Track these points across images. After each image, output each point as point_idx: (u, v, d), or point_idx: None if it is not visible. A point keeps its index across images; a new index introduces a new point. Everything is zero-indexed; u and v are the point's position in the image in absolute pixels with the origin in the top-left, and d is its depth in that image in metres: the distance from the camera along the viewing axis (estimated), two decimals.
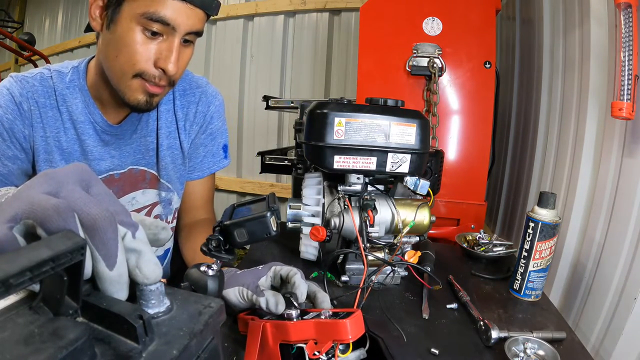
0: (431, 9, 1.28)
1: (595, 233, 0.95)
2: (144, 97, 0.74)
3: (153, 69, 0.71)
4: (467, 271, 0.94)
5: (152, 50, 0.70)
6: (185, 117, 0.91)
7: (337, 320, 0.50)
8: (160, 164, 0.89)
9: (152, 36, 0.69)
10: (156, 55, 0.70)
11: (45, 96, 0.78)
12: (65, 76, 0.80)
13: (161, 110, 0.88)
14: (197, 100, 0.92)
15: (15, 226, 0.26)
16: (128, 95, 0.74)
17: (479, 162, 1.30)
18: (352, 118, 0.78)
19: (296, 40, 2.68)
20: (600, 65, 0.99)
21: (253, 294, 0.59)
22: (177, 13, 0.68)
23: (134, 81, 0.72)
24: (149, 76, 0.72)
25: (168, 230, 0.35)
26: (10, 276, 0.20)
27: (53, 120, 0.79)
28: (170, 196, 0.93)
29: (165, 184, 0.91)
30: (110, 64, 0.73)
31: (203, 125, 0.94)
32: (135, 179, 0.88)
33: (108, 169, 0.85)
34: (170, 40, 0.70)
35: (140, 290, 0.29)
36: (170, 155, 0.90)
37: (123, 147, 0.86)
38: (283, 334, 0.53)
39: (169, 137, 0.89)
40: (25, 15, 4.29)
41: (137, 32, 0.68)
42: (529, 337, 0.63)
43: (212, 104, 0.94)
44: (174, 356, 0.25)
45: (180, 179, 0.94)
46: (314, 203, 0.83)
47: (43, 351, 0.22)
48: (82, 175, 0.31)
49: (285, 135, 2.77)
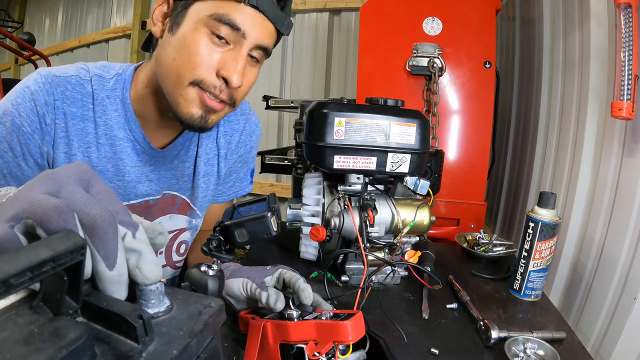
0: (431, 9, 1.28)
1: (595, 233, 0.95)
2: (200, 112, 0.65)
3: (214, 78, 0.63)
4: (467, 271, 0.94)
5: (216, 57, 0.62)
6: (228, 145, 0.86)
7: (338, 322, 0.50)
8: (195, 191, 0.84)
9: (219, 42, 0.62)
10: (220, 64, 0.62)
11: (79, 105, 0.67)
12: (108, 82, 0.69)
13: (203, 136, 0.81)
14: (241, 129, 0.87)
15: (16, 226, 0.26)
16: (182, 107, 0.64)
17: (479, 162, 1.30)
18: (352, 118, 0.78)
19: (296, 40, 2.68)
20: (600, 65, 0.99)
21: (257, 288, 0.60)
22: (249, 20, 0.62)
23: (190, 90, 0.63)
24: (208, 85, 0.63)
25: (165, 235, 0.34)
26: (10, 276, 0.20)
27: (84, 134, 0.68)
28: (198, 222, 0.89)
29: (196, 211, 0.86)
30: (166, 68, 0.64)
31: (243, 155, 0.90)
32: (166, 204, 0.82)
33: (145, 194, 0.76)
34: (237, 50, 0.63)
35: (140, 290, 0.29)
36: (205, 182, 0.84)
37: (161, 172, 0.78)
38: (283, 333, 0.53)
39: (207, 164, 0.83)
40: (25, 15, 4.30)
41: (203, 35, 0.61)
42: (529, 337, 0.63)
43: (254, 134, 0.90)
44: (173, 356, 0.25)
45: (207, 204, 0.90)
46: (314, 203, 0.83)
47: (43, 351, 0.22)
48: (83, 175, 0.31)
49: (285, 135, 2.77)
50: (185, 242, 0.89)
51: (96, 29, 3.57)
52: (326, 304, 0.63)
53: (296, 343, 0.52)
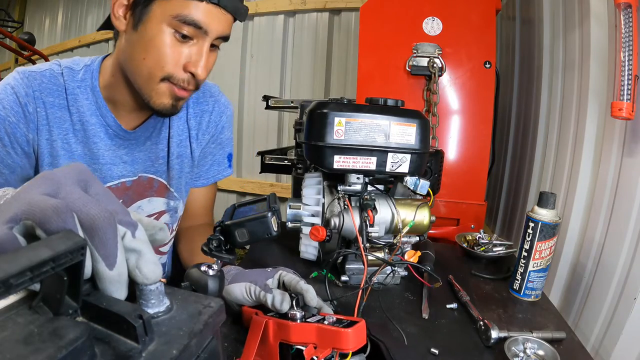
0: (431, 9, 1.28)
1: (595, 233, 0.95)
2: (170, 101, 0.72)
3: (182, 73, 0.70)
4: (467, 271, 0.94)
5: (182, 53, 0.68)
6: (199, 126, 0.90)
7: (340, 329, 0.49)
8: (170, 172, 0.88)
9: (183, 39, 0.67)
10: (186, 59, 0.69)
11: (55, 95, 0.74)
12: (77, 74, 0.76)
13: (174, 119, 0.86)
14: (210, 110, 0.91)
15: (15, 227, 0.26)
16: (154, 99, 0.71)
17: (479, 162, 1.30)
18: (352, 118, 0.78)
19: (296, 40, 2.68)
20: (600, 65, 0.99)
21: (261, 291, 0.61)
22: (210, 17, 0.67)
23: (161, 85, 0.70)
24: (177, 80, 0.70)
25: (165, 231, 0.35)
26: (10, 276, 0.20)
27: (61, 121, 0.75)
28: (177, 204, 0.92)
29: (173, 193, 0.90)
30: (136, 66, 0.70)
31: (214, 135, 0.93)
32: (144, 187, 0.86)
33: (120, 176, 0.82)
34: (200, 44, 0.69)
35: (140, 289, 0.29)
36: (180, 163, 0.89)
37: (135, 154, 0.83)
38: (284, 333, 0.53)
39: (180, 145, 0.88)
40: (25, 15, 4.30)
41: (167, 35, 0.66)
42: (529, 337, 0.63)
43: (224, 114, 0.94)
44: (173, 356, 0.25)
45: (186, 187, 0.93)
46: (313, 203, 0.83)
47: (43, 351, 0.22)
48: (81, 175, 0.31)
49: (285, 135, 2.77)
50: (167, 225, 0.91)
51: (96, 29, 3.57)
52: (327, 308, 0.63)
53: (296, 344, 0.52)
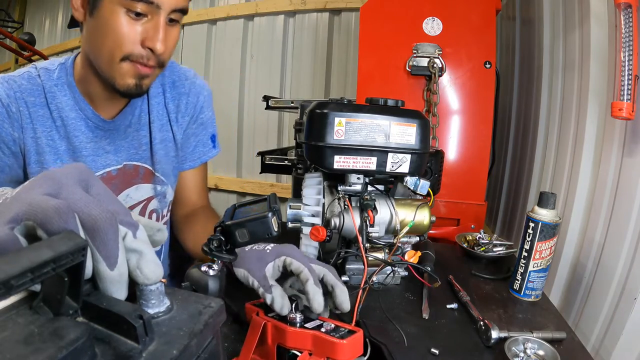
0: (431, 9, 1.28)
1: (595, 233, 0.95)
2: (134, 81, 0.73)
3: (140, 49, 0.71)
4: (467, 271, 0.94)
5: (138, 31, 0.69)
6: (177, 109, 0.92)
7: (335, 340, 0.49)
8: (154, 157, 0.89)
9: (137, 17, 0.69)
10: (142, 35, 0.70)
11: (35, 94, 0.76)
12: (53, 73, 0.79)
13: (152, 104, 0.88)
14: (187, 92, 0.92)
15: (16, 227, 0.26)
16: (118, 81, 0.73)
17: (479, 162, 1.30)
18: (352, 118, 0.78)
19: (296, 40, 2.68)
20: (600, 65, 0.99)
21: (260, 287, 0.57)
22: None
23: (123, 64, 0.71)
24: (137, 57, 0.71)
25: (164, 231, 0.35)
26: (11, 277, 0.20)
27: (44, 119, 0.77)
28: (165, 189, 0.93)
29: (160, 178, 0.91)
30: (97, 51, 0.72)
31: (194, 116, 0.95)
32: (130, 175, 0.87)
33: (105, 165, 0.83)
34: (155, 20, 0.70)
35: (141, 290, 0.29)
36: (164, 148, 0.90)
37: (118, 142, 0.84)
38: (281, 337, 0.53)
39: (162, 129, 0.90)
40: (25, 15, 4.29)
41: (121, 15, 0.68)
42: (529, 337, 0.63)
43: (201, 94, 0.95)
44: (174, 356, 0.25)
45: (174, 171, 0.95)
46: (314, 203, 0.83)
47: (43, 351, 0.22)
48: (82, 175, 0.31)
49: (285, 135, 2.77)
50: (156, 211, 0.93)
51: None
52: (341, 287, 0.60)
53: (292, 349, 0.53)
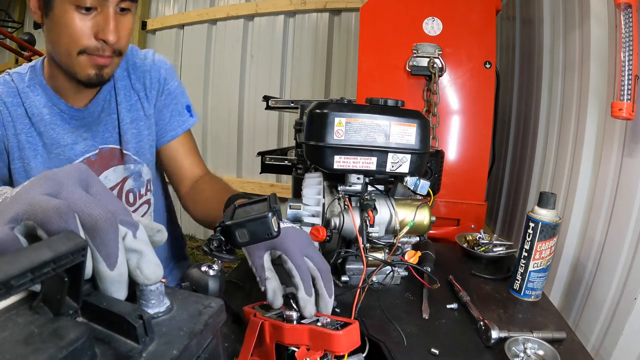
0: (431, 9, 1.28)
1: (595, 233, 0.95)
2: (94, 71, 0.77)
3: (95, 42, 0.74)
4: (467, 271, 0.94)
5: (89, 25, 0.73)
6: (144, 87, 0.95)
7: (331, 332, 0.50)
8: (124, 137, 0.92)
9: (87, 12, 0.72)
10: (94, 29, 0.73)
11: (11, 96, 0.82)
12: (24, 76, 0.84)
13: (119, 87, 0.92)
14: (149, 69, 0.96)
15: (16, 227, 0.26)
16: (79, 73, 0.77)
17: (479, 162, 1.30)
18: (352, 118, 0.78)
19: (296, 40, 2.68)
20: (600, 65, 0.99)
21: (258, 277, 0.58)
22: None
23: (80, 58, 0.75)
24: (92, 50, 0.75)
25: (163, 232, 0.35)
26: (11, 277, 0.20)
27: (22, 117, 0.83)
28: (140, 168, 0.96)
29: (132, 157, 0.94)
30: (56, 48, 0.77)
31: (160, 89, 0.97)
32: (107, 157, 0.92)
33: (83, 152, 0.88)
34: (105, 12, 0.73)
35: (141, 290, 0.29)
36: (136, 127, 0.93)
37: (93, 128, 0.89)
38: (278, 335, 0.53)
39: (131, 110, 0.93)
40: (25, 15, 4.29)
41: (72, 12, 0.71)
42: (529, 337, 0.63)
43: (162, 68, 0.98)
44: (174, 356, 0.25)
45: (150, 150, 0.97)
46: (314, 203, 0.83)
47: (43, 351, 0.22)
48: (82, 175, 0.31)
49: (285, 135, 2.77)
50: (132, 191, 0.96)
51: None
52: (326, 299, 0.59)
53: (290, 346, 0.53)
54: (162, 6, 3.16)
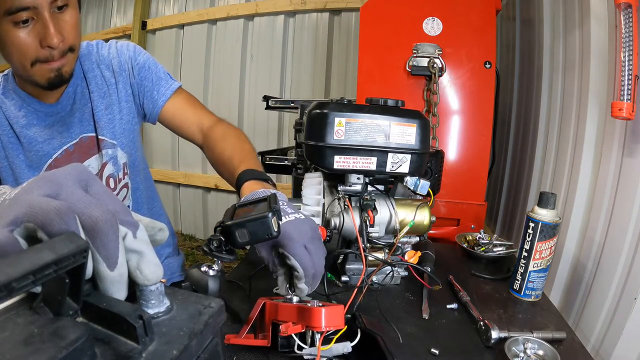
0: (431, 9, 1.28)
1: (595, 233, 0.95)
2: (52, 74, 0.79)
3: (42, 51, 0.76)
4: (467, 271, 0.94)
5: (32, 35, 0.74)
6: (113, 73, 0.97)
7: (313, 308, 0.53)
8: (98, 124, 0.94)
9: (25, 24, 0.73)
10: (37, 38, 0.74)
11: None
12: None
13: (89, 78, 0.94)
14: (115, 55, 0.98)
15: (16, 229, 0.26)
16: (39, 80, 0.79)
17: (479, 162, 1.30)
18: (352, 118, 0.78)
19: (296, 41, 2.68)
20: (600, 65, 0.99)
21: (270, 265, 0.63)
22: None
23: (35, 68, 0.77)
24: (43, 58, 0.76)
25: (165, 230, 0.35)
26: (13, 280, 0.20)
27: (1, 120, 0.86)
28: (115, 152, 0.97)
29: (108, 141, 0.96)
30: (12, 65, 0.80)
31: (130, 67, 0.99)
32: (87, 146, 0.94)
33: (60, 145, 0.90)
34: (41, 19, 0.73)
35: (140, 290, 0.29)
36: (110, 112, 0.95)
37: (67, 120, 0.91)
38: (275, 312, 0.58)
39: (104, 97, 0.95)
40: None
41: (12, 29, 0.73)
42: (529, 337, 0.63)
43: (127, 50, 1.00)
44: (174, 356, 0.25)
45: (127, 132, 0.98)
46: (314, 203, 0.83)
47: (43, 351, 0.22)
48: (81, 175, 0.31)
49: (285, 135, 2.77)
50: (112, 176, 0.98)
51: (96, 29, 3.57)
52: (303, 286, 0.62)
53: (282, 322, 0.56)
54: (162, 6, 3.16)
